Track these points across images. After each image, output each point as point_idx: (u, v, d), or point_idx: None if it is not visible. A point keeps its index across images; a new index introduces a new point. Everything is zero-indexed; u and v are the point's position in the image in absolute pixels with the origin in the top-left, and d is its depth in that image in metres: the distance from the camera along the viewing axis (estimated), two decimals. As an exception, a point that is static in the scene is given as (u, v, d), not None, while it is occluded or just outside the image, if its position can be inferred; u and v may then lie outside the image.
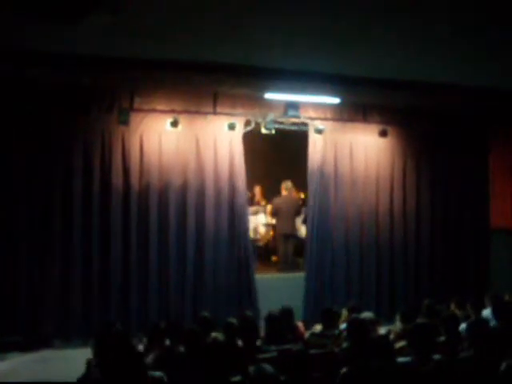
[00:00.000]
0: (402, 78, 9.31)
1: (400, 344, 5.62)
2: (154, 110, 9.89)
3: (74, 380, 5.37)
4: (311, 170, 10.96)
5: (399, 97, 10.23)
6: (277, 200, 11.55)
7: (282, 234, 11.50)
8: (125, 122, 9.59)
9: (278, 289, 10.28)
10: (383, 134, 11.24)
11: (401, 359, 4.91)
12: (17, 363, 8.34)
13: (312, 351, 5.55)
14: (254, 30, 7.00)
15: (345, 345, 5.93)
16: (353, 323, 5.96)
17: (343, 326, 6.83)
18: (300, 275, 11.29)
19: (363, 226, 11.21)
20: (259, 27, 6.90)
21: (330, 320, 6.68)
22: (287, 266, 11.40)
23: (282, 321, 6.41)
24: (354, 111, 11.12)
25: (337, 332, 6.53)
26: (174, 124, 10.07)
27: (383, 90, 9.66)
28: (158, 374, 4.70)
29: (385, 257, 11.35)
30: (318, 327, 6.97)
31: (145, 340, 6.24)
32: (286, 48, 7.70)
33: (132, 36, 7.17)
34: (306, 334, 6.86)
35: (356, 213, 11.14)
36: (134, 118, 9.77)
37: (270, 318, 6.31)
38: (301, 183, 12.53)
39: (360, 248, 11.18)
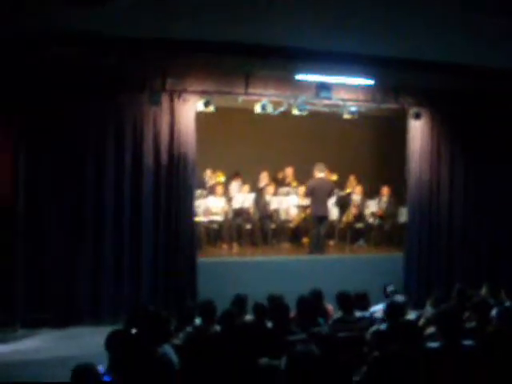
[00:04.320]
0: (434, 58, 9.20)
1: (430, 330, 5.63)
2: (186, 91, 9.93)
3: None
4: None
5: (432, 78, 10.10)
6: (312, 182, 11.56)
7: (316, 216, 11.51)
8: (156, 102, 9.66)
9: (308, 271, 10.33)
10: (417, 116, 11.11)
11: (430, 344, 4.93)
12: (47, 339, 8.55)
13: (341, 334, 5.59)
14: (285, 11, 6.99)
15: (375, 328, 5.95)
16: (391, 307, 5.97)
17: (374, 308, 6.88)
18: (330, 257, 11.37)
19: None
20: (290, 7, 6.88)
21: (348, 304, 6.64)
22: (318, 248, 11.42)
23: (311, 304, 6.43)
24: (387, 93, 11.00)
25: (359, 316, 6.52)
26: (207, 104, 10.14)
27: (416, 71, 9.56)
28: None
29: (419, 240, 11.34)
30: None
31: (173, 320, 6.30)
32: (317, 28, 7.67)
33: (163, 16, 7.21)
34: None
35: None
36: (166, 99, 9.83)
37: (301, 301, 6.33)
38: (333, 165, 12.55)
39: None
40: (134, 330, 5.44)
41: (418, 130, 11.23)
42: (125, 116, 9.63)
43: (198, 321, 6.24)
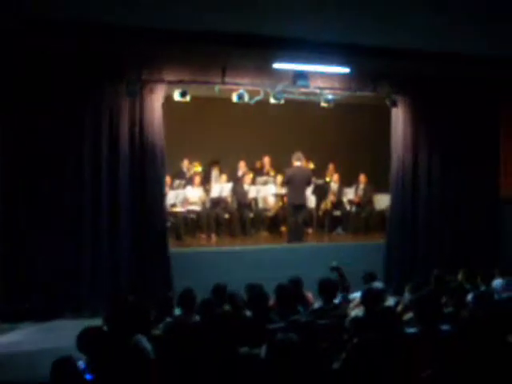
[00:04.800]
0: (410, 46, 9.25)
1: (408, 315, 5.69)
2: (163, 81, 9.86)
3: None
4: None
5: (408, 66, 10.16)
6: (289, 170, 11.56)
7: (293, 205, 11.52)
8: (133, 92, 9.59)
9: (287, 259, 10.36)
10: (393, 103, 11.16)
11: (408, 330, 4.98)
12: (28, 332, 8.50)
13: (320, 322, 5.61)
14: None
15: (353, 315, 6.00)
16: (368, 293, 6.01)
17: (353, 295, 6.92)
18: (309, 245, 11.42)
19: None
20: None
21: (329, 292, 6.65)
22: (297, 236, 11.45)
23: (290, 291, 6.44)
24: (363, 81, 11.02)
25: (337, 302, 6.55)
26: (183, 94, 10.11)
27: (392, 59, 9.61)
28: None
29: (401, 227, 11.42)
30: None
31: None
32: (293, 16, 7.65)
33: (138, 4, 7.16)
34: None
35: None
36: (143, 89, 9.76)
37: (280, 289, 6.34)
38: (311, 153, 12.57)
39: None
40: (105, 327, 5.41)
41: (398, 118, 11.24)
42: (101, 107, 9.52)
43: (177, 311, 6.25)
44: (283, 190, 12.30)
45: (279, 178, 12.84)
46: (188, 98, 10.24)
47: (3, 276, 8.97)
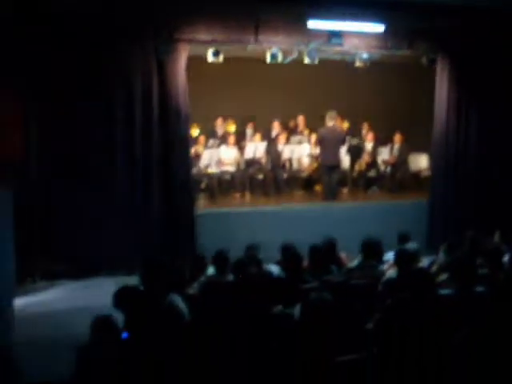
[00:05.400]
0: (449, 1, 9.01)
1: (443, 277, 5.65)
2: (195, 40, 9.79)
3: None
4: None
5: (447, 22, 9.90)
6: (322, 130, 11.45)
7: (327, 165, 11.45)
8: (165, 51, 9.53)
9: (321, 218, 10.36)
10: (431, 62, 10.91)
11: (443, 292, 4.95)
12: (65, 290, 8.68)
13: (353, 282, 5.62)
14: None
15: (388, 276, 5.99)
16: (401, 254, 5.99)
17: (387, 256, 6.89)
18: (344, 205, 11.38)
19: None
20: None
21: (371, 251, 6.63)
22: (331, 195, 11.41)
23: (323, 252, 6.43)
24: (399, 39, 10.76)
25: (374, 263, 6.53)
26: (216, 54, 10.04)
27: (430, 15, 9.38)
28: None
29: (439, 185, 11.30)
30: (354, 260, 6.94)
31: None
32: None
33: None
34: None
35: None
36: (175, 48, 9.69)
37: (313, 250, 6.34)
38: (345, 113, 12.44)
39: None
40: (141, 286, 5.48)
41: (442, 77, 10.98)
42: (134, 65, 9.48)
43: (211, 270, 6.30)
44: (317, 150, 12.20)
45: (313, 138, 12.75)
46: (221, 59, 10.16)
47: (40, 234, 9.11)
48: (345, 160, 12.63)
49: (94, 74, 9.21)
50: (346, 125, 13.08)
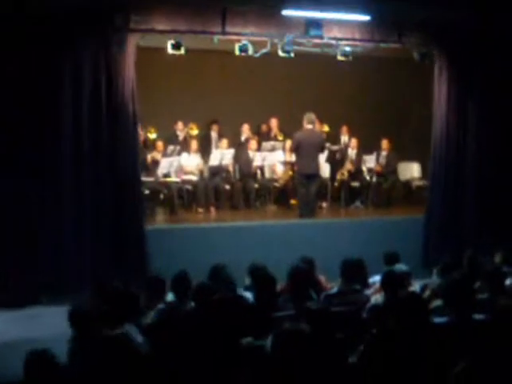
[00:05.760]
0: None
1: (436, 302, 5.68)
2: (153, 30, 9.78)
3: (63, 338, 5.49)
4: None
5: (441, 12, 10.01)
6: (298, 134, 11.44)
7: (304, 174, 11.43)
8: (120, 43, 9.51)
9: (297, 237, 10.37)
10: (422, 57, 11.03)
11: (437, 319, 4.98)
12: (2, 320, 8.54)
13: (334, 309, 5.62)
14: None
15: (374, 301, 6.01)
16: (388, 277, 6.00)
17: (373, 279, 6.92)
18: (322, 221, 11.42)
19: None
20: None
21: (353, 273, 6.63)
22: (308, 210, 11.42)
23: (306, 274, 6.41)
24: (387, 30, 10.87)
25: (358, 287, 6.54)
26: (177, 46, 10.03)
27: (422, 4, 9.48)
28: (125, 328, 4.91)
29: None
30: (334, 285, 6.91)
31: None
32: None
33: None
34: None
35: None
36: (131, 40, 9.68)
37: (295, 271, 6.30)
38: (325, 115, 12.50)
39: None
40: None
41: (440, 75, 11.11)
42: (84, 59, 9.41)
43: (170, 296, 6.26)
44: (293, 157, 12.23)
45: (288, 144, 12.79)
46: (183, 51, 10.14)
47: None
48: (324, 169, 12.68)
49: (39, 68, 9.14)
50: (325, 129, 13.16)
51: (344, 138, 13.78)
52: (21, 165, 9.13)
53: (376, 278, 6.77)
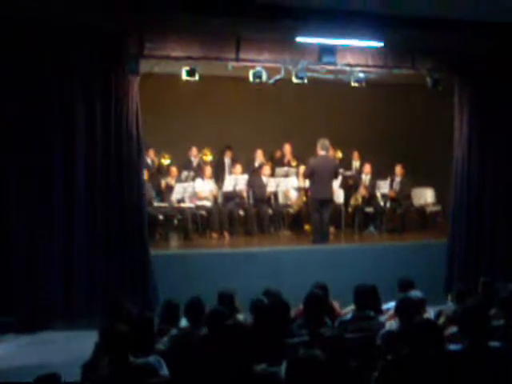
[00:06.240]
0: (456, 16, 9.12)
1: (451, 329, 5.64)
2: (168, 57, 9.85)
3: (77, 364, 5.48)
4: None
5: (455, 39, 10.00)
6: (313, 161, 11.46)
7: (318, 200, 11.43)
8: (133, 70, 9.57)
9: (311, 262, 10.34)
10: (435, 83, 11.03)
11: (452, 347, 4.93)
12: (13, 346, 8.53)
13: (348, 335, 5.59)
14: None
15: (388, 328, 5.97)
16: (403, 303, 5.96)
17: (387, 306, 6.88)
18: (336, 247, 11.38)
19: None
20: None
21: (366, 299, 6.60)
22: (322, 236, 11.40)
23: (322, 300, 6.36)
24: (400, 56, 10.89)
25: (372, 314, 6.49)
26: (192, 73, 10.09)
27: (436, 30, 9.48)
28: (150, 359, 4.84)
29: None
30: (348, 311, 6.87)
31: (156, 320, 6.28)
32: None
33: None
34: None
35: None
36: (144, 67, 9.76)
37: (312, 297, 6.25)
38: (338, 141, 12.50)
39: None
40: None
41: (460, 104, 11.13)
42: (98, 85, 9.47)
43: (184, 322, 6.25)
44: (307, 183, 12.23)
45: (302, 169, 12.79)
46: (197, 77, 10.20)
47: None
48: (338, 194, 12.67)
49: (49, 92, 9.22)
50: (338, 155, 13.16)
51: (355, 164, 13.81)
52: (32, 189, 9.20)
53: (390, 305, 6.73)
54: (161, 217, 11.42)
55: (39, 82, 9.15)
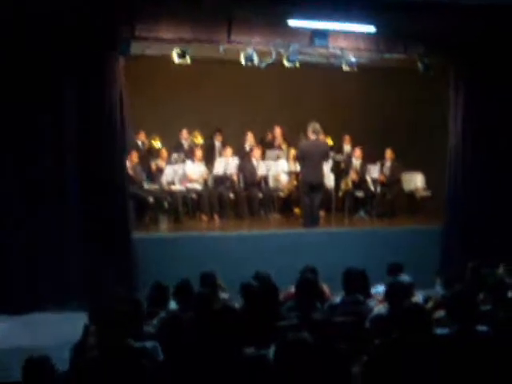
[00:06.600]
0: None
1: (439, 314, 5.66)
2: (159, 39, 9.80)
3: (66, 346, 5.48)
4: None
5: (449, 22, 9.97)
6: (303, 144, 11.47)
7: (308, 184, 11.39)
8: (125, 53, 9.53)
9: (301, 246, 10.36)
10: (427, 68, 11.01)
11: (439, 331, 4.96)
12: (4, 327, 8.52)
13: (337, 319, 5.61)
14: None
15: (377, 312, 5.99)
16: (392, 287, 5.98)
17: (376, 290, 6.90)
18: (326, 230, 11.40)
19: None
20: None
21: (354, 283, 6.61)
22: (312, 220, 11.40)
23: (314, 284, 6.36)
24: (392, 41, 10.86)
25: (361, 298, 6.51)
26: (182, 55, 10.05)
27: (428, 13, 9.45)
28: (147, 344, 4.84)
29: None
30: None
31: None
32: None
33: None
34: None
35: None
36: (136, 48, 9.71)
37: (304, 281, 6.25)
38: (328, 125, 12.48)
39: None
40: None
41: (456, 87, 11.14)
42: (89, 66, 9.42)
43: (172, 304, 6.25)
44: (297, 167, 12.22)
45: (292, 153, 12.78)
46: (188, 60, 10.17)
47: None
48: (329, 178, 12.67)
49: (39, 75, 9.17)
50: (329, 142, 13.12)
51: (347, 148, 13.80)
52: (20, 175, 9.23)
53: (379, 289, 6.75)
54: (151, 199, 11.38)
55: (27, 66, 9.07)
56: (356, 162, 13.33)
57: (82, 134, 9.46)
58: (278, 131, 13.43)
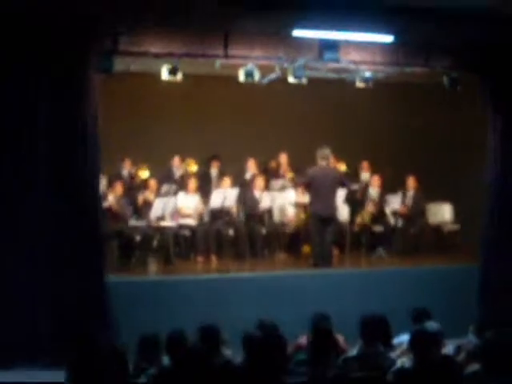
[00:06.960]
0: (478, 7, 9.17)
1: (473, 367, 5.63)
2: (146, 53, 9.87)
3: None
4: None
5: (476, 32, 10.05)
6: (312, 170, 11.50)
7: (318, 217, 11.45)
8: (106, 68, 9.58)
9: (311, 290, 10.34)
10: (452, 82, 11.08)
11: (474, 386, 4.94)
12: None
13: (355, 374, 5.58)
14: None
15: (400, 365, 5.96)
16: (418, 336, 5.95)
17: (399, 339, 6.87)
18: (340, 271, 11.38)
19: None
20: None
21: (374, 332, 6.59)
22: (323, 260, 11.39)
23: (329, 334, 6.34)
24: (412, 53, 10.93)
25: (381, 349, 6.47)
26: (173, 71, 10.12)
27: (453, 22, 9.53)
28: None
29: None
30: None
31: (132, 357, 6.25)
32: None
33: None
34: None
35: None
36: (119, 64, 9.77)
37: (320, 331, 6.23)
38: (342, 150, 12.53)
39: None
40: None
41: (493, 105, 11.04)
42: (66, 84, 9.45)
43: (166, 360, 6.22)
44: (306, 198, 12.23)
45: (290, 176, 12.84)
46: (180, 77, 10.23)
47: None
48: (342, 211, 12.67)
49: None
50: (342, 168, 13.16)
51: (364, 176, 13.81)
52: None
53: (402, 338, 6.73)
54: (138, 238, 11.39)
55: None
56: (374, 191, 13.34)
57: (56, 150, 9.41)
58: (283, 158, 13.46)
